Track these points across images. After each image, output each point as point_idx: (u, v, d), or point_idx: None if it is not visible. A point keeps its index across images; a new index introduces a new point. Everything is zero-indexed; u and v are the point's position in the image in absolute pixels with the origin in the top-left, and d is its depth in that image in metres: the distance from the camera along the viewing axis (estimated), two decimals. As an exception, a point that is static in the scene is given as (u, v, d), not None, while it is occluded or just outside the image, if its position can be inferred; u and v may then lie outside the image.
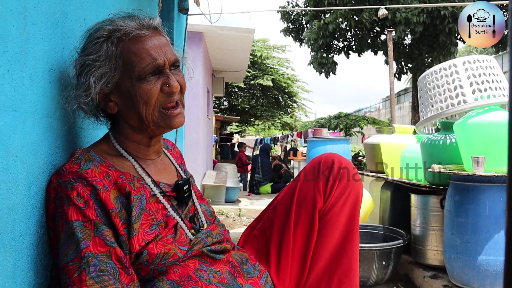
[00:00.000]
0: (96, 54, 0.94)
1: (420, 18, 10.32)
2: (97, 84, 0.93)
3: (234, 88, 18.83)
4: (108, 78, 0.94)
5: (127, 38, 0.95)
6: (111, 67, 0.94)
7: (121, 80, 0.95)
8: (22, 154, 0.80)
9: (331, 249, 1.17)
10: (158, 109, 0.96)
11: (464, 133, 2.23)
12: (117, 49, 0.94)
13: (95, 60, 0.93)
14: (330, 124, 11.91)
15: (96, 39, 0.95)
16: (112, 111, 0.99)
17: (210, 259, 1.01)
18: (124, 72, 0.95)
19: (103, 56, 0.94)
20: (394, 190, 3.08)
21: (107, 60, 0.94)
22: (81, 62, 0.95)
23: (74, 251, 0.84)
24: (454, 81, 2.37)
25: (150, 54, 0.95)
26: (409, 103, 18.27)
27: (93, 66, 0.93)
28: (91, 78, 0.93)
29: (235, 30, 6.79)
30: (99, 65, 0.93)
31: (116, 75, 0.95)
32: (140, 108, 0.95)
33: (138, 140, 1.03)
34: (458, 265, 2.14)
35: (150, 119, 0.97)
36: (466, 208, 2.11)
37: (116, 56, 0.94)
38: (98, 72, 0.93)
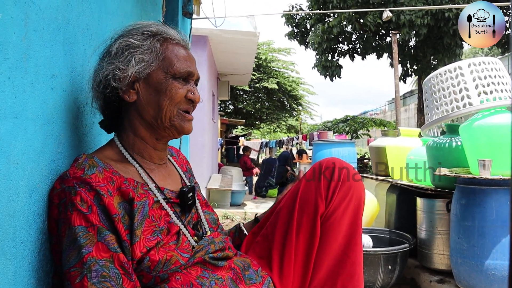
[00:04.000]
0: (141, 42, 1.01)
1: (424, 20, 10.27)
2: (135, 66, 0.99)
3: (239, 91, 18.86)
4: (145, 66, 0.99)
5: (172, 41, 1.05)
6: (151, 58, 1.00)
7: (156, 72, 1.00)
8: (23, 161, 0.80)
9: (333, 254, 1.16)
10: (177, 109, 1.01)
11: (470, 136, 2.21)
12: (161, 46, 1.02)
13: (139, 46, 1.00)
14: (338, 128, 11.86)
15: (142, 32, 1.02)
16: (130, 99, 1.00)
17: (212, 266, 1.00)
18: (161, 66, 1.01)
19: (146, 46, 1.01)
20: (400, 194, 3.06)
21: (149, 51, 1.00)
22: (126, 42, 1.00)
23: (76, 257, 0.84)
24: (460, 84, 2.36)
25: (187, 61, 1.04)
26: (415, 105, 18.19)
27: (136, 50, 1.00)
28: (133, 58, 0.99)
29: (239, 33, 6.80)
30: (142, 51, 1.00)
31: (153, 66, 1.00)
32: (164, 101, 1.00)
33: (146, 138, 1.03)
34: (465, 269, 2.12)
35: (168, 115, 1.00)
36: (472, 212, 2.09)
37: (158, 50, 1.01)
38: (140, 56, 0.99)
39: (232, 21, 6.52)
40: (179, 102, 1.01)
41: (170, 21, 3.18)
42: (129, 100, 1.01)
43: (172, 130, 1.03)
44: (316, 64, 13.15)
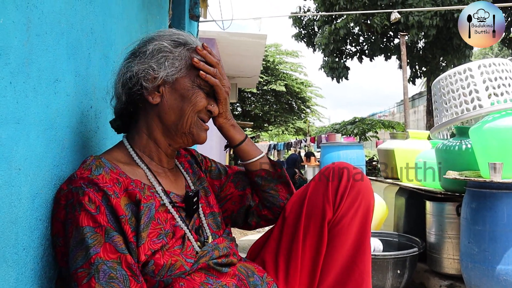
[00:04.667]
0: (173, 48, 1.03)
1: (433, 21, 10.21)
2: (167, 69, 1.00)
3: (247, 94, 18.88)
4: (175, 71, 1.01)
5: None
6: (181, 65, 1.02)
7: (183, 78, 1.02)
8: (26, 167, 0.79)
9: (341, 262, 1.14)
10: (197, 116, 1.03)
11: (480, 139, 2.17)
12: (190, 55, 1.04)
13: (172, 51, 1.02)
14: (346, 130, 11.80)
15: (174, 39, 1.04)
16: (153, 101, 1.01)
17: (217, 272, 0.99)
18: (189, 74, 1.03)
19: (177, 53, 1.02)
20: (409, 197, 3.02)
21: (180, 58, 1.02)
22: (160, 45, 1.02)
23: (84, 257, 0.83)
24: (469, 85, 2.32)
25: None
26: (424, 107, 18.07)
27: (169, 54, 1.02)
28: (166, 61, 1.01)
29: (247, 36, 6.80)
30: (173, 57, 1.02)
31: (182, 73, 1.02)
32: (188, 107, 1.01)
33: (158, 141, 1.04)
34: (476, 274, 2.08)
35: (189, 121, 1.02)
36: (483, 216, 2.05)
37: (187, 58, 1.03)
38: (172, 61, 1.01)
39: (239, 24, 6.54)
40: (200, 110, 1.04)
41: (177, 24, 3.19)
42: (153, 102, 1.01)
43: (188, 138, 1.04)
44: (323, 66, 13.12)
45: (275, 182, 1.22)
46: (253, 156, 1.22)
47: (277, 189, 1.23)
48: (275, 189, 1.22)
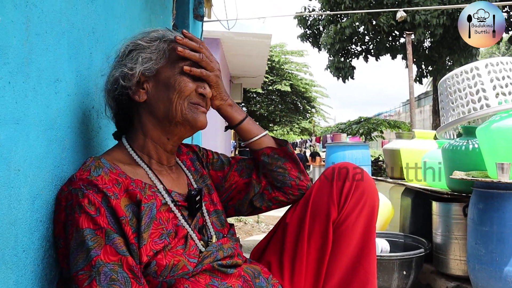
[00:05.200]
0: (148, 43, 1.02)
1: (440, 20, 10.13)
2: (143, 64, 0.99)
3: (252, 94, 18.88)
4: (152, 64, 1.00)
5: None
6: (159, 56, 1.01)
7: (164, 68, 1.01)
8: (25, 167, 0.78)
9: (346, 262, 1.13)
10: (187, 102, 1.00)
11: (488, 139, 2.14)
12: (168, 46, 1.02)
13: (147, 47, 1.01)
14: (351, 130, 11.75)
15: (150, 36, 1.04)
16: (140, 99, 1.00)
17: (222, 273, 0.98)
18: (168, 62, 1.01)
19: (154, 47, 1.01)
20: (415, 197, 2.99)
21: (157, 50, 1.01)
22: (134, 44, 1.02)
23: (85, 260, 0.82)
24: (476, 85, 2.29)
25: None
26: (430, 106, 17.97)
27: (144, 50, 1.01)
28: (140, 57, 1.00)
29: (252, 36, 6.80)
30: (150, 51, 1.01)
31: (160, 63, 1.01)
32: (173, 96, 0.99)
33: (156, 139, 1.02)
34: (483, 276, 2.05)
35: (179, 109, 0.99)
36: (490, 217, 2.03)
37: (165, 49, 1.02)
38: (147, 55, 1.00)
39: (244, 24, 6.53)
40: (189, 95, 1.00)
41: (181, 24, 3.18)
42: (140, 100, 1.00)
43: (185, 126, 1.01)
44: (329, 66, 13.08)
45: (282, 160, 1.18)
46: (256, 134, 1.20)
47: (286, 167, 1.18)
48: (283, 167, 1.18)
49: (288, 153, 1.20)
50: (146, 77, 1.00)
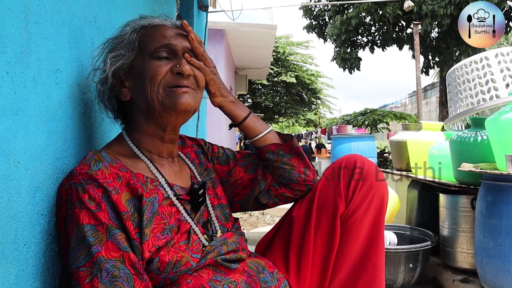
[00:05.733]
0: (120, 39, 0.98)
1: (447, 10, 10.00)
2: (113, 64, 0.96)
3: (257, 86, 18.81)
4: (124, 59, 0.96)
5: (149, 26, 1.00)
6: (128, 49, 0.97)
7: (135, 60, 0.97)
8: (25, 160, 0.77)
9: (354, 257, 1.10)
10: (163, 87, 0.94)
11: (497, 130, 2.11)
12: (137, 34, 0.98)
13: (118, 44, 0.98)
14: (356, 121, 11.68)
15: (124, 29, 1.01)
16: (125, 98, 0.98)
17: (225, 268, 0.96)
18: (138, 52, 0.97)
19: (125, 41, 0.98)
20: (422, 190, 2.96)
21: (127, 44, 0.98)
22: (106, 45, 1.00)
23: (86, 256, 0.80)
24: (486, 75, 2.25)
25: (164, 36, 0.98)
26: (436, 98, 17.84)
27: (113, 48, 0.98)
28: (109, 57, 0.97)
29: (257, 26, 6.74)
30: (120, 47, 0.97)
31: (131, 55, 0.97)
32: (146, 85, 0.94)
33: (151, 133, 0.99)
34: (491, 269, 2.02)
35: (154, 97, 0.94)
36: (499, 209, 1.99)
37: (134, 40, 0.98)
38: (116, 53, 0.97)
39: (249, 14, 6.46)
40: (163, 79, 0.94)
41: (185, 14, 3.15)
42: (126, 99, 0.98)
43: (168, 112, 0.95)
44: (335, 57, 12.99)
45: (288, 157, 1.15)
46: (260, 131, 1.16)
47: (291, 163, 1.15)
48: (289, 164, 1.15)
49: (293, 148, 1.17)
50: (125, 75, 0.97)
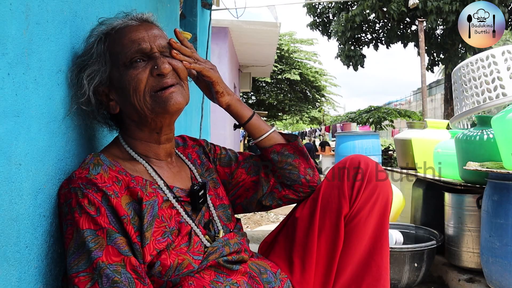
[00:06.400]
0: (89, 54, 0.94)
1: (452, 6, 9.92)
2: (91, 83, 0.92)
3: (261, 83, 18.78)
4: (100, 75, 0.93)
5: (113, 32, 0.95)
6: (101, 63, 0.93)
7: (112, 73, 0.94)
8: (27, 162, 0.76)
9: (358, 257, 1.10)
10: (149, 94, 0.92)
11: (503, 128, 2.08)
12: (104, 45, 0.94)
13: (88, 59, 0.94)
14: (361, 119, 11.64)
15: (88, 41, 0.96)
16: (114, 111, 0.96)
17: (227, 270, 0.95)
18: (112, 64, 0.94)
19: (94, 55, 0.94)
20: (427, 188, 2.95)
21: (97, 58, 0.93)
22: (77, 65, 0.95)
23: (86, 261, 0.80)
24: (492, 73, 2.22)
25: (133, 41, 0.93)
26: (441, 95, 17.74)
27: (85, 66, 0.93)
28: (84, 77, 0.92)
29: (260, 24, 6.72)
30: (91, 63, 0.93)
31: (107, 69, 0.93)
32: (131, 97, 0.92)
33: (146, 138, 0.99)
34: (497, 269, 2.01)
35: (143, 107, 0.92)
36: (506, 209, 1.98)
37: (104, 51, 0.94)
38: (90, 70, 0.93)
39: (253, 12, 6.45)
40: (146, 86, 0.92)
41: (189, 13, 3.14)
42: (115, 112, 0.97)
43: (162, 116, 0.94)
44: (339, 54, 12.94)
45: (292, 157, 1.14)
46: (266, 130, 1.16)
47: (295, 164, 1.14)
48: (293, 164, 1.13)
49: (298, 148, 1.16)
50: (107, 88, 0.95)
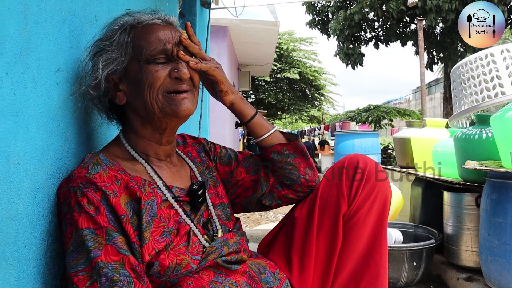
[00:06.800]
0: (109, 40, 0.94)
1: (452, 5, 9.92)
2: (105, 69, 0.92)
3: (260, 82, 18.78)
4: (117, 63, 0.93)
5: (139, 26, 0.95)
6: (121, 53, 0.93)
7: (130, 65, 0.94)
8: (25, 161, 0.76)
9: (357, 256, 1.10)
10: (162, 93, 0.93)
11: (502, 127, 2.09)
12: (129, 36, 0.94)
13: (108, 45, 0.94)
14: (360, 118, 11.64)
15: (111, 28, 0.96)
16: (120, 102, 0.96)
17: (226, 270, 0.95)
18: (133, 56, 0.94)
19: (115, 43, 0.94)
20: (426, 187, 2.95)
21: (119, 46, 0.94)
22: (94, 47, 0.95)
23: (85, 261, 0.80)
24: (491, 72, 2.23)
25: (160, 40, 0.94)
26: (441, 93, 17.74)
27: (104, 51, 0.94)
28: (100, 61, 0.93)
29: (259, 23, 6.72)
30: (111, 50, 0.93)
31: (125, 60, 0.94)
32: (145, 91, 0.92)
33: (148, 136, 0.98)
34: (496, 268, 2.01)
35: (154, 104, 0.92)
36: (504, 208, 1.98)
37: (127, 42, 0.94)
38: (108, 56, 0.93)
39: (252, 11, 6.45)
40: (162, 84, 0.92)
41: (188, 12, 3.13)
42: (121, 103, 0.96)
43: (169, 118, 0.94)
44: (338, 52, 12.94)
45: (292, 157, 1.14)
46: (268, 129, 1.16)
47: (295, 164, 1.13)
48: (293, 164, 1.13)
49: (298, 148, 1.16)
50: (119, 78, 0.95)
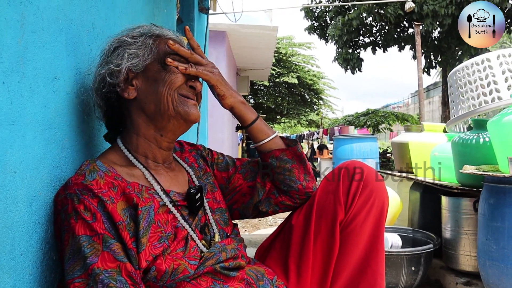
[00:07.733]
0: (134, 39, 1.00)
1: (448, 10, 9.96)
2: (129, 60, 0.97)
3: (259, 86, 18.81)
4: (139, 60, 0.97)
5: (164, 37, 1.02)
6: (145, 52, 0.98)
7: (151, 65, 0.98)
8: (22, 169, 0.76)
9: (354, 263, 1.10)
10: (177, 93, 0.98)
11: (499, 132, 2.09)
12: (154, 42, 1.00)
13: (132, 43, 0.99)
14: (358, 122, 11.65)
15: (135, 32, 1.02)
16: (129, 96, 0.97)
17: (224, 276, 0.95)
18: (156, 58, 0.99)
19: (140, 43, 0.99)
20: (424, 192, 2.95)
21: (143, 46, 0.99)
22: (119, 41, 1.00)
23: (82, 267, 0.80)
24: (488, 77, 2.23)
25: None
26: (439, 97, 17.77)
27: (129, 46, 0.98)
28: (126, 53, 0.97)
29: (258, 28, 6.74)
30: (136, 47, 0.98)
31: (148, 59, 0.98)
32: (164, 88, 0.96)
33: (149, 137, 0.99)
34: (494, 272, 2.01)
35: (170, 101, 0.96)
36: (502, 212, 1.98)
37: (152, 46, 1.00)
38: (133, 51, 0.98)
39: (250, 16, 6.46)
40: (179, 87, 0.98)
41: (186, 17, 3.14)
42: (129, 97, 0.97)
43: (177, 119, 0.98)
44: (337, 57, 12.97)
45: (290, 163, 1.14)
46: (268, 134, 1.16)
47: (293, 169, 1.14)
48: (290, 170, 1.13)
49: (297, 153, 1.16)
50: (134, 74, 0.98)
